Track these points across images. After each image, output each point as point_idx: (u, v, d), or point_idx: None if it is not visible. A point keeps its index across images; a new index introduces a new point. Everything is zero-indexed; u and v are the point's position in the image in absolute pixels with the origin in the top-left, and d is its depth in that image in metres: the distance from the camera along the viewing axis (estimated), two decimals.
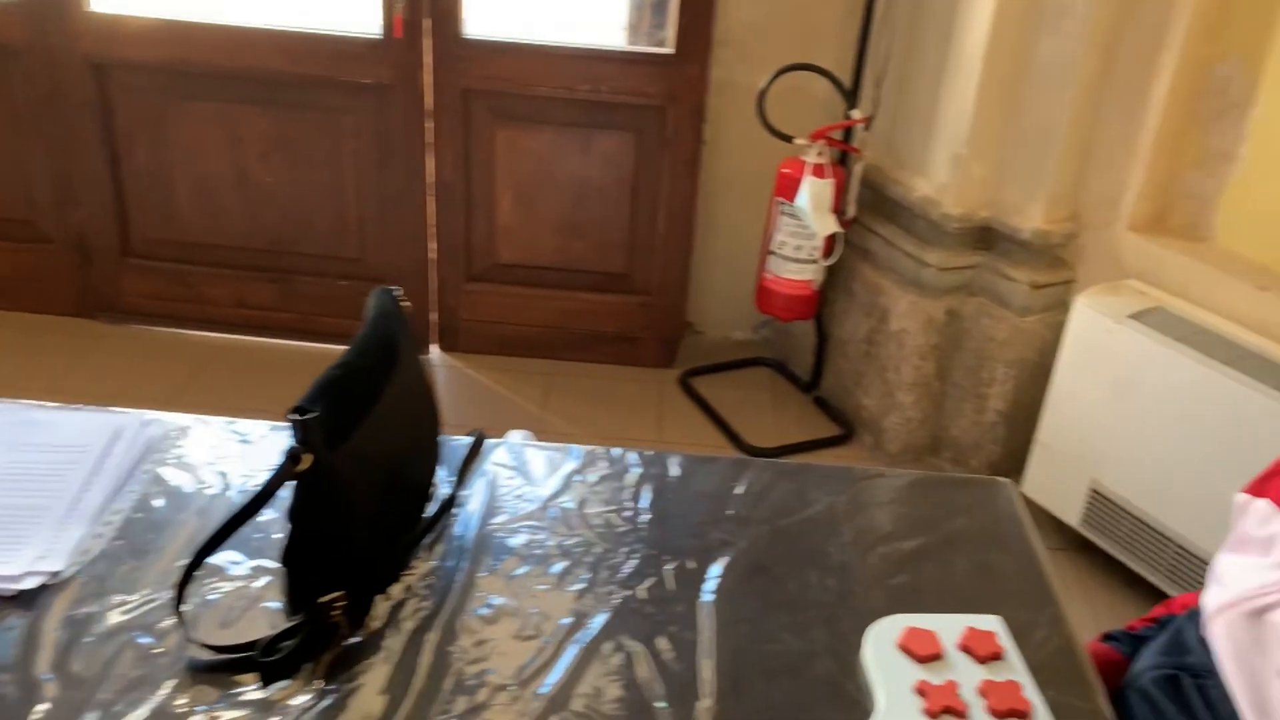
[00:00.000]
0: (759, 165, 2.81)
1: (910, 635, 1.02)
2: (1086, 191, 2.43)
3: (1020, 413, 2.56)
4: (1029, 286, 2.43)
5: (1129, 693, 1.06)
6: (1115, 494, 2.23)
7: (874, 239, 2.70)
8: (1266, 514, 1.02)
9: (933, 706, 0.94)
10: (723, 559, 1.13)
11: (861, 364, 2.78)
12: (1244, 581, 0.97)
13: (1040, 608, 1.10)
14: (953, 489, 1.29)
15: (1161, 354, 2.08)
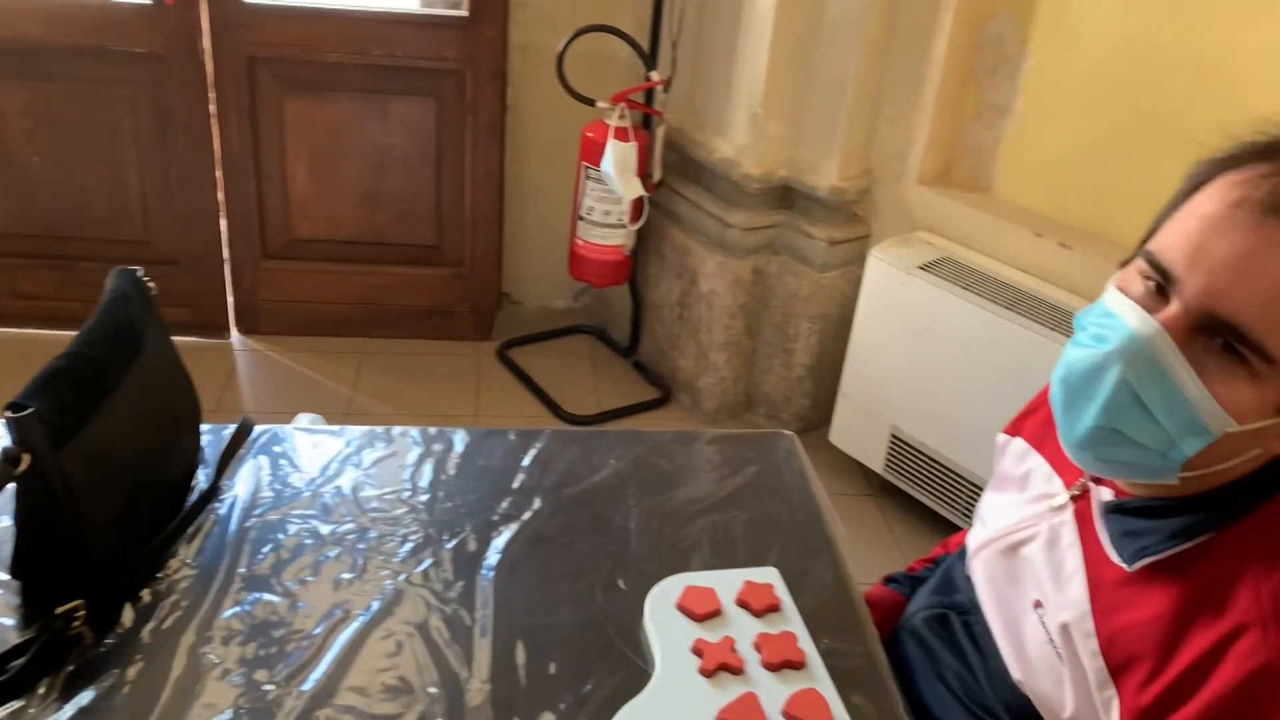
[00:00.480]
0: (566, 130, 2.77)
1: (689, 594, 1.02)
2: (877, 148, 2.50)
3: (825, 366, 2.63)
4: (827, 243, 2.49)
5: (902, 633, 1.09)
6: (913, 438, 2.31)
7: (680, 201, 2.71)
8: (1021, 452, 1.06)
9: (708, 665, 0.94)
10: (505, 534, 1.10)
11: (676, 326, 2.80)
12: (1002, 519, 1.01)
13: (818, 555, 1.13)
14: (737, 445, 1.30)
15: (949, 302, 2.16)
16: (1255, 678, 0.75)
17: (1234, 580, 0.79)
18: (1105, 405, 0.80)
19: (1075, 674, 0.86)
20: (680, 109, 2.71)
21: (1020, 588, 0.95)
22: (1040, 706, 0.90)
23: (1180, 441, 0.79)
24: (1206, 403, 0.76)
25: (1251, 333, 0.74)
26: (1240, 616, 0.77)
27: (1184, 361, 0.77)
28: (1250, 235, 0.74)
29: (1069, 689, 0.87)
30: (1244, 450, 0.80)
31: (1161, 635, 0.81)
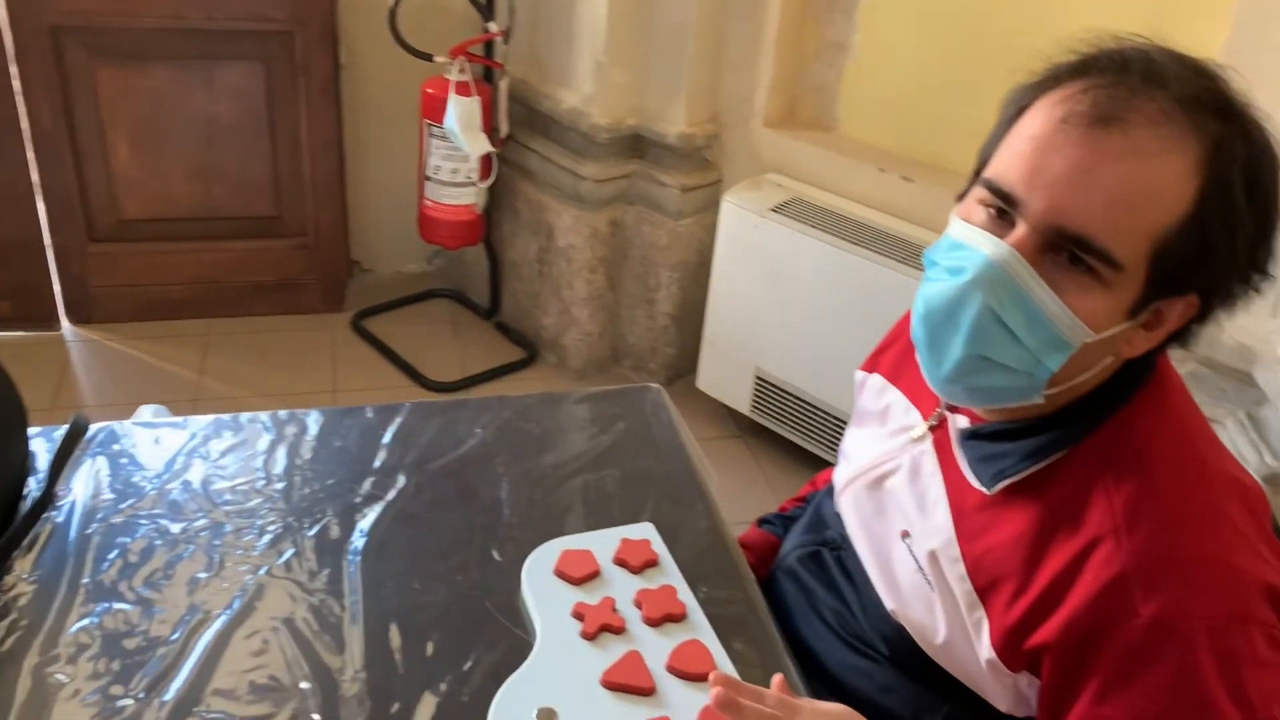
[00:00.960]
0: (405, 88, 2.67)
1: (566, 559, 1.00)
2: (722, 92, 2.50)
3: (688, 314, 2.64)
4: (680, 191, 2.48)
5: (778, 574, 1.10)
6: (777, 378, 2.35)
7: (531, 156, 2.66)
8: (879, 387, 1.08)
9: (589, 628, 0.93)
10: (369, 516, 1.06)
11: (536, 284, 2.76)
12: (865, 454, 1.03)
13: (691, 506, 1.13)
14: (604, 403, 1.29)
15: (801, 242, 2.19)
16: (1112, 586, 0.78)
17: (1087, 494, 0.82)
18: (971, 334, 0.82)
19: (945, 599, 0.88)
20: (522, 60, 2.65)
21: (887, 520, 0.96)
22: (915, 634, 0.92)
23: (1044, 359, 0.81)
24: (1065, 316, 0.78)
25: (1097, 241, 0.76)
26: (1095, 529, 0.80)
27: (1039, 280, 0.79)
28: (1081, 148, 0.77)
29: (940, 614, 0.89)
30: (1099, 359, 0.83)
31: (1023, 554, 0.83)
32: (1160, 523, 0.79)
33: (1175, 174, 0.76)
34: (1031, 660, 0.83)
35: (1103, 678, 0.79)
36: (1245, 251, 0.79)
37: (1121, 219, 0.76)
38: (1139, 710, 0.78)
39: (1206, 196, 0.76)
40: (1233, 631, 0.77)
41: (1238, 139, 0.77)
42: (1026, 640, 0.82)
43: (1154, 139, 0.76)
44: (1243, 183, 0.77)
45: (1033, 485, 0.85)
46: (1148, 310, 0.80)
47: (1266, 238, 0.80)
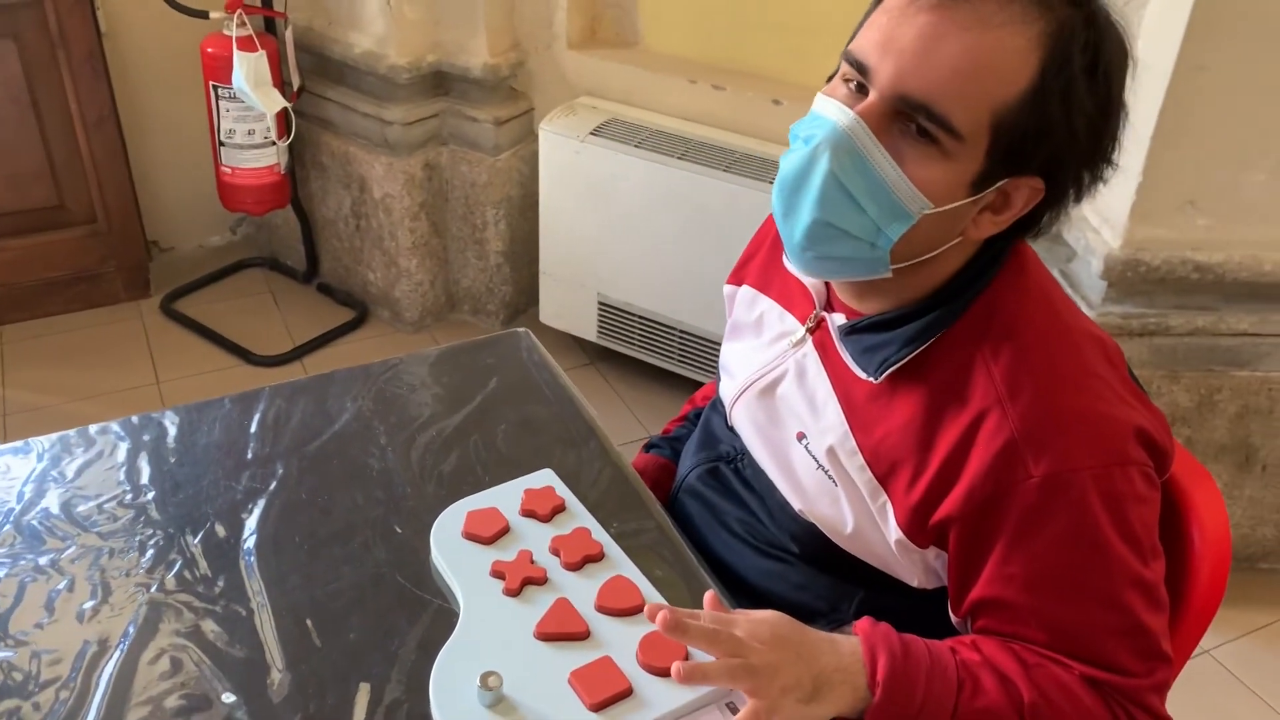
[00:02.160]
0: (180, 49, 2.49)
1: (472, 520, 0.98)
2: (521, 17, 2.43)
3: (521, 249, 2.60)
4: (494, 124, 2.42)
5: (680, 496, 1.12)
6: (619, 300, 2.36)
7: (330, 106, 2.53)
8: (750, 298, 1.09)
9: (512, 584, 0.92)
10: (255, 511, 1.01)
11: (355, 240, 2.66)
12: (747, 366, 1.04)
13: (585, 444, 1.12)
14: (475, 354, 1.26)
15: (625, 162, 2.18)
16: (1003, 453, 0.83)
17: (968, 371, 0.86)
18: (818, 198, 0.84)
19: (849, 491, 0.92)
20: (305, 6, 2.50)
21: (781, 425, 0.99)
22: (824, 528, 0.95)
23: (885, 227, 0.83)
24: (903, 184, 0.81)
25: (939, 109, 0.79)
26: (980, 402, 0.84)
27: (880, 147, 0.81)
28: (930, 16, 0.79)
29: (846, 506, 0.93)
30: (945, 236, 0.85)
31: (917, 436, 0.87)
32: (1038, 387, 0.84)
33: (1017, 47, 0.78)
34: (938, 534, 0.88)
35: (1006, 538, 0.84)
36: (1085, 133, 0.82)
37: (963, 87, 0.78)
38: (1043, 561, 0.83)
39: (1047, 72, 0.79)
40: (1114, 475, 0.83)
41: (1083, 23, 0.80)
42: (931, 516, 0.87)
43: (999, 11, 0.78)
44: (1084, 65, 0.79)
45: (916, 370, 0.89)
46: (992, 189, 0.83)
47: (1107, 122, 0.83)
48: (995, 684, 0.85)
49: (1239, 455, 1.93)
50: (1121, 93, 0.83)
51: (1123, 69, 0.82)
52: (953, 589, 0.90)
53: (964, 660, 0.86)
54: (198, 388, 2.42)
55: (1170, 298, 1.83)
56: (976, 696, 0.84)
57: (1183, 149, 1.71)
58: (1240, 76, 1.65)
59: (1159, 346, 1.84)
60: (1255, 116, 1.68)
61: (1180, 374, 1.85)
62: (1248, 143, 1.71)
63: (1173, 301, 1.84)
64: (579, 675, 0.85)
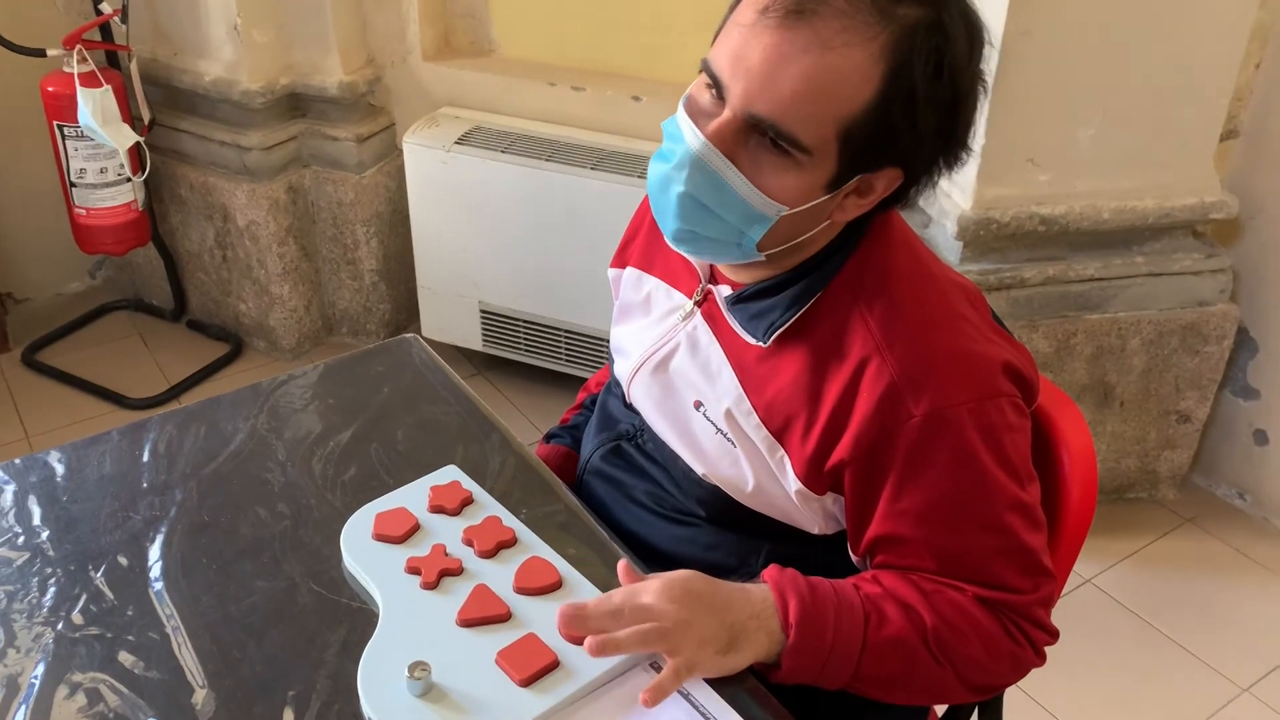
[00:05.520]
0: (17, 90, 2.39)
1: (381, 521, 0.99)
2: (374, 33, 2.42)
3: (395, 265, 2.58)
4: (355, 141, 2.41)
5: (586, 479, 1.15)
6: (502, 307, 2.37)
7: (184, 138, 2.47)
8: (635, 279, 1.12)
9: (429, 577, 0.93)
10: (158, 538, 1.00)
11: (223, 271, 2.60)
12: (640, 344, 1.08)
13: (486, 437, 1.14)
14: (365, 363, 1.26)
15: (493, 169, 2.20)
16: (885, 397, 0.88)
17: (846, 325, 0.91)
18: (678, 212, 0.89)
19: (748, 451, 0.96)
20: (148, 38, 2.43)
21: (679, 397, 1.03)
22: (727, 489, 1.00)
23: (746, 230, 0.88)
24: (756, 195, 0.86)
25: (785, 128, 0.83)
26: (860, 352, 0.90)
27: (731, 166, 0.85)
28: (775, 37, 0.82)
29: (746, 465, 0.97)
30: (812, 224, 0.90)
31: (805, 390, 0.92)
32: (911, 333, 0.90)
33: (857, 64, 0.80)
34: (833, 480, 0.93)
35: (895, 476, 0.90)
36: (933, 131, 0.85)
37: (806, 108, 0.82)
38: (930, 495, 0.89)
39: (890, 83, 0.81)
40: (988, 407, 0.89)
41: (928, 28, 0.81)
42: (825, 464, 0.92)
43: (839, 31, 0.80)
44: (928, 70, 0.81)
45: (800, 330, 0.93)
46: (849, 183, 0.87)
47: (956, 117, 0.86)
48: (899, 613, 0.90)
49: (1098, 394, 2.06)
50: (973, 84, 0.86)
51: (972, 62, 0.85)
52: (851, 530, 0.96)
53: (868, 594, 0.91)
54: (72, 437, 2.32)
55: (1021, 251, 1.95)
56: (883, 626, 0.89)
57: (1019, 110, 1.82)
58: (1063, 39, 1.77)
59: (1016, 298, 1.95)
60: (1081, 75, 1.81)
61: (1038, 322, 1.96)
62: (1077, 100, 1.83)
63: (1024, 255, 1.95)
64: (505, 654, 0.86)
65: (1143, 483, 2.20)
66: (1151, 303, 1.99)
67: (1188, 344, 2.02)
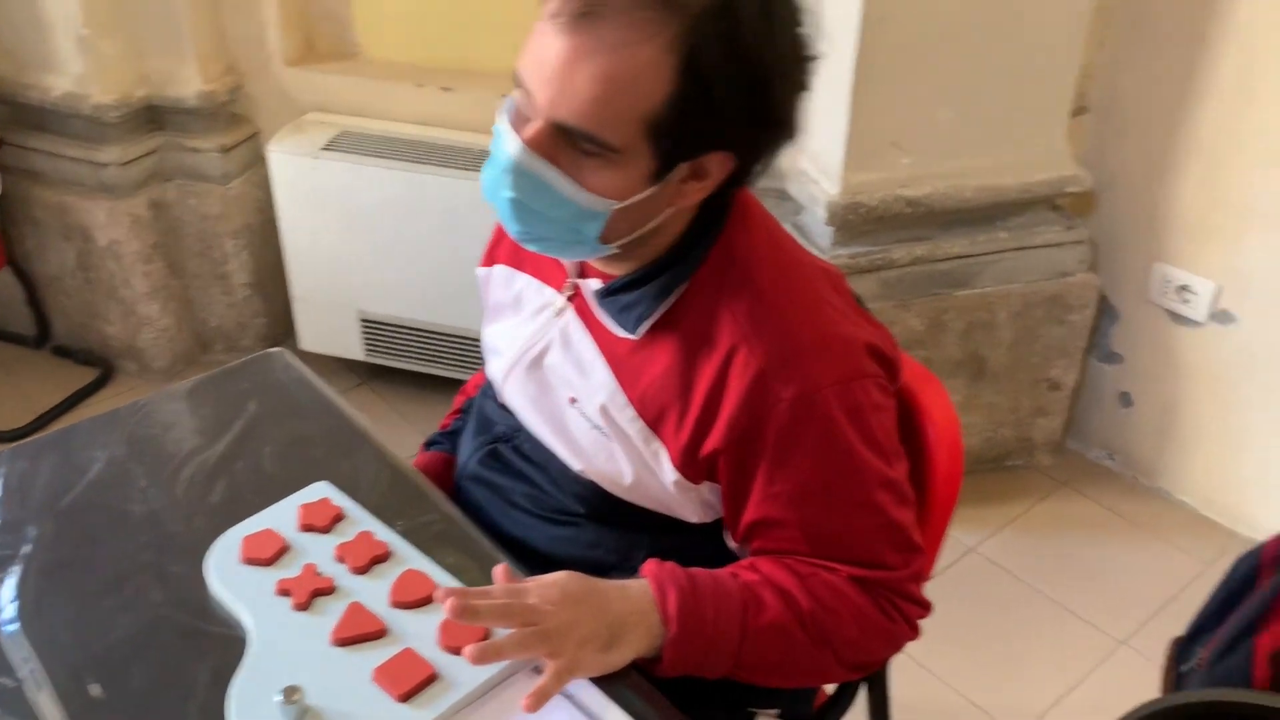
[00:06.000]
0: None
1: (249, 544, 0.96)
2: (232, 39, 2.35)
3: (268, 277, 2.51)
4: (219, 152, 2.33)
5: (462, 484, 1.13)
6: (382, 314, 2.32)
7: (35, 156, 2.36)
8: (505, 277, 1.11)
9: (300, 598, 0.91)
10: (9, 579, 0.95)
11: (86, 293, 2.49)
12: (513, 342, 1.07)
13: (358, 450, 1.12)
14: (229, 381, 1.22)
15: (363, 174, 2.15)
16: (754, 384, 0.89)
17: (714, 314, 0.92)
18: (510, 214, 0.89)
19: (624, 444, 0.96)
20: None
21: (553, 394, 1.02)
22: (605, 484, 1.00)
23: (581, 227, 0.88)
24: (582, 196, 0.86)
25: (588, 132, 0.82)
26: (728, 341, 0.91)
27: (551, 167, 0.85)
28: (566, 42, 0.81)
29: (623, 458, 0.97)
30: (652, 213, 0.89)
31: (678, 381, 0.93)
32: (776, 319, 0.91)
33: (648, 60, 0.79)
34: (709, 468, 0.94)
35: (768, 461, 0.91)
36: (744, 112, 0.83)
37: (605, 110, 0.81)
38: (802, 476, 0.91)
39: (684, 74, 0.80)
40: (853, 388, 0.91)
41: (715, 14, 0.79)
42: (699, 452, 0.93)
43: (625, 29, 0.79)
44: (721, 55, 0.80)
45: (670, 321, 0.94)
46: (675, 172, 0.86)
47: (765, 95, 0.83)
48: (776, 599, 0.91)
49: (972, 368, 2.13)
50: (779, 60, 0.83)
51: (775, 38, 0.82)
52: (728, 517, 0.97)
53: (745, 582, 0.92)
54: None
55: (891, 233, 2.00)
56: (761, 613, 0.91)
57: (880, 95, 1.86)
58: (918, 24, 1.82)
59: (887, 279, 2.00)
60: (937, 59, 1.86)
61: (910, 302, 2.02)
62: (935, 84, 1.88)
63: (893, 236, 2.00)
64: (382, 671, 0.85)
65: (1020, 450, 2.28)
66: (1017, 276, 2.06)
67: (1053, 314, 2.10)
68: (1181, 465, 2.22)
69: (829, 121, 1.93)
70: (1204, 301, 2.05)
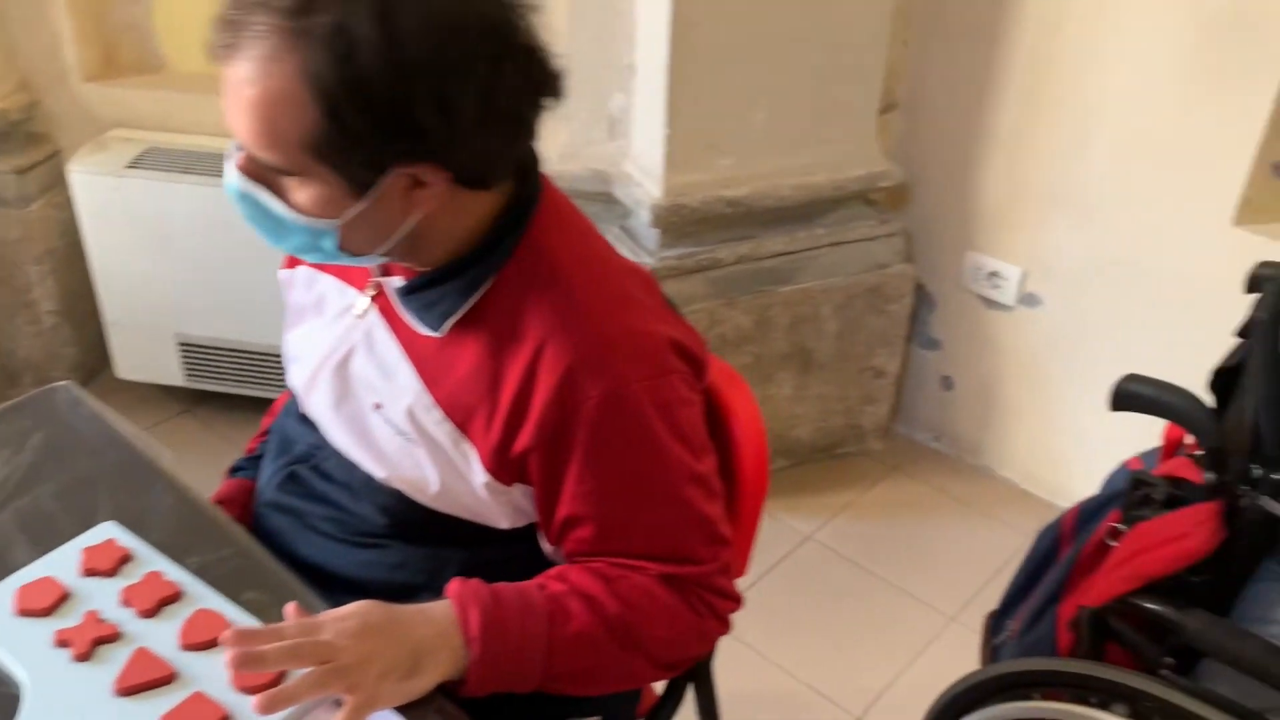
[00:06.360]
0: None
1: (24, 595, 0.91)
2: (24, 54, 2.21)
3: (77, 304, 2.38)
4: (14, 174, 2.18)
5: (260, 512, 1.09)
6: (202, 337, 2.23)
7: None
8: (308, 278, 1.08)
9: (80, 648, 0.86)
10: None
11: None
12: (315, 348, 1.04)
13: (150, 486, 1.06)
14: (9, 418, 1.15)
15: (172, 191, 2.05)
16: (563, 381, 0.89)
17: (522, 310, 0.91)
18: (260, 233, 0.90)
19: (431, 448, 0.95)
20: None
21: (357, 399, 0.99)
22: (410, 491, 0.97)
23: (317, 241, 0.88)
24: (297, 216, 0.86)
25: (262, 159, 0.83)
26: (536, 337, 0.90)
27: (264, 191, 0.86)
28: (225, 77, 0.82)
29: (429, 464, 0.95)
30: (392, 222, 0.87)
31: (486, 379, 0.92)
32: (585, 315, 0.91)
33: (281, 88, 0.78)
34: (520, 469, 0.93)
35: (578, 458, 0.91)
36: (399, 124, 0.80)
37: (261, 139, 0.81)
38: (613, 472, 0.91)
39: (318, 97, 0.78)
40: (660, 384, 0.92)
41: (327, 34, 0.77)
42: (510, 451, 0.92)
43: (256, 61, 0.79)
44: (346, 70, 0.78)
45: (476, 317, 0.93)
46: (381, 184, 0.84)
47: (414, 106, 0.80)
48: (582, 607, 0.91)
49: (800, 361, 2.18)
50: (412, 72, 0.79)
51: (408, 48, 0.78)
52: (541, 518, 0.96)
53: (551, 593, 0.92)
54: None
55: (715, 233, 2.03)
56: (568, 623, 0.90)
57: (695, 99, 1.89)
58: (728, 29, 1.85)
59: (714, 279, 2.03)
60: (748, 62, 1.89)
61: (736, 300, 2.05)
62: (747, 86, 1.92)
63: (717, 236, 2.03)
64: (170, 718, 0.81)
65: (851, 438, 2.35)
66: (837, 270, 2.12)
67: (873, 305, 2.18)
68: (1002, 443, 2.33)
69: (648, 125, 1.95)
70: (1012, 286, 2.16)
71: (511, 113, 0.86)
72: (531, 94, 0.87)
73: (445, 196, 0.88)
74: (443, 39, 0.80)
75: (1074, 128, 1.97)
